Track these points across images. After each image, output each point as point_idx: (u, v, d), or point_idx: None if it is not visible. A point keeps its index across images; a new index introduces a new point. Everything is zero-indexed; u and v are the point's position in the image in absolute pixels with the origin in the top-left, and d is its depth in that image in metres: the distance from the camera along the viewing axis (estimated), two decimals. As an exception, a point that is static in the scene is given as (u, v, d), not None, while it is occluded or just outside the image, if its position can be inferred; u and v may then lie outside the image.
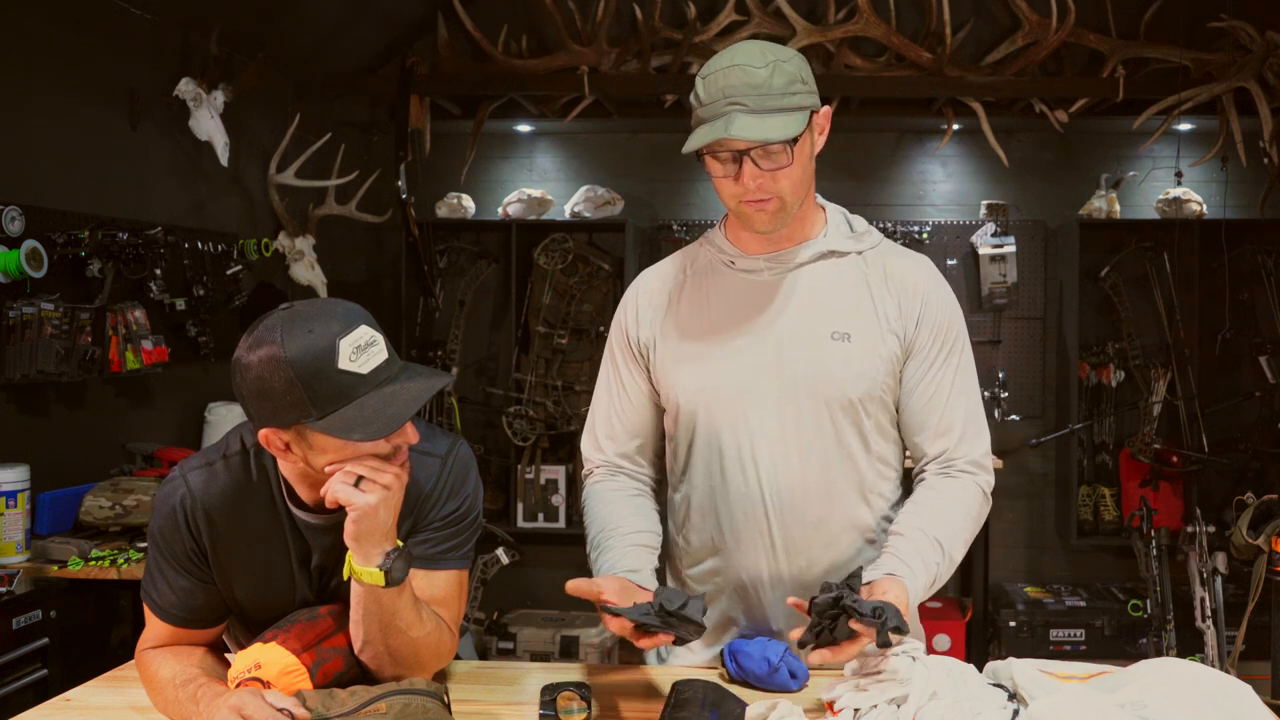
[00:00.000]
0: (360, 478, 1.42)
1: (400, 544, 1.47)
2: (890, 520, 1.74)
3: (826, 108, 1.69)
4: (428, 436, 1.62)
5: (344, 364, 1.38)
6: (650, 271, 1.86)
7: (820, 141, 1.69)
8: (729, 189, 1.64)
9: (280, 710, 1.38)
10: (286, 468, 1.52)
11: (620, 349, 1.83)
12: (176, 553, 1.56)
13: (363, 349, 1.40)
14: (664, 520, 1.84)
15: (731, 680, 1.67)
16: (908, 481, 1.81)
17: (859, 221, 1.79)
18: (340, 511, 1.50)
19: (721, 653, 1.73)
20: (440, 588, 1.60)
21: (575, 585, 1.52)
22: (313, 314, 1.40)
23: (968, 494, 1.70)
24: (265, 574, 1.59)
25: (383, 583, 1.44)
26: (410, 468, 1.51)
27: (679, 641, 1.51)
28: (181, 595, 1.57)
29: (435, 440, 1.63)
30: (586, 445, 1.88)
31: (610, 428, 1.84)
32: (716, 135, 1.56)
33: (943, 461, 1.72)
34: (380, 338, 1.43)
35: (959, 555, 1.67)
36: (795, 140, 1.59)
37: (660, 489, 1.89)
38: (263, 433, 1.43)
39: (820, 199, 1.79)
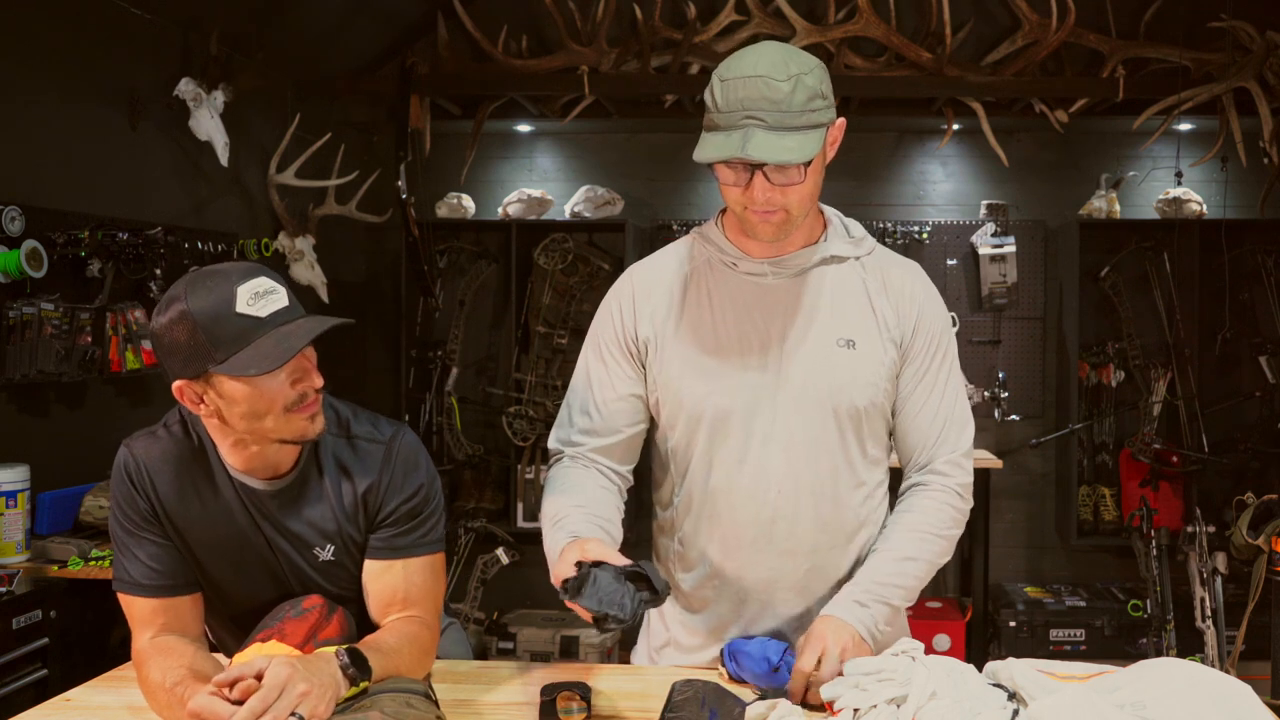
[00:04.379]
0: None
1: (336, 651, 1.44)
2: (880, 518, 1.79)
3: (841, 120, 1.66)
4: (372, 423, 1.67)
5: (242, 308, 1.46)
6: (644, 266, 1.82)
7: (832, 153, 1.67)
8: (736, 196, 1.63)
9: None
10: (212, 429, 1.57)
11: (610, 344, 1.78)
12: (134, 517, 1.60)
13: (261, 295, 1.47)
14: (648, 524, 1.82)
15: (731, 680, 1.67)
16: (895, 480, 1.83)
17: (855, 226, 1.79)
18: (284, 477, 1.60)
19: (721, 653, 1.73)
20: (416, 576, 1.64)
21: (557, 576, 1.51)
22: (215, 271, 1.50)
23: (937, 502, 1.74)
24: (230, 545, 1.62)
25: (365, 684, 1.45)
26: (353, 455, 1.61)
27: (631, 614, 1.44)
28: (150, 560, 1.60)
29: (379, 427, 1.67)
30: (557, 439, 1.82)
31: (590, 421, 1.78)
32: (733, 153, 1.53)
33: (928, 469, 1.75)
34: (282, 289, 1.50)
35: (936, 560, 1.73)
36: (809, 160, 1.57)
37: (624, 494, 1.83)
38: (176, 385, 1.49)
39: (818, 203, 1.78)
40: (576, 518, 1.66)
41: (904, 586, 1.69)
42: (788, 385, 1.69)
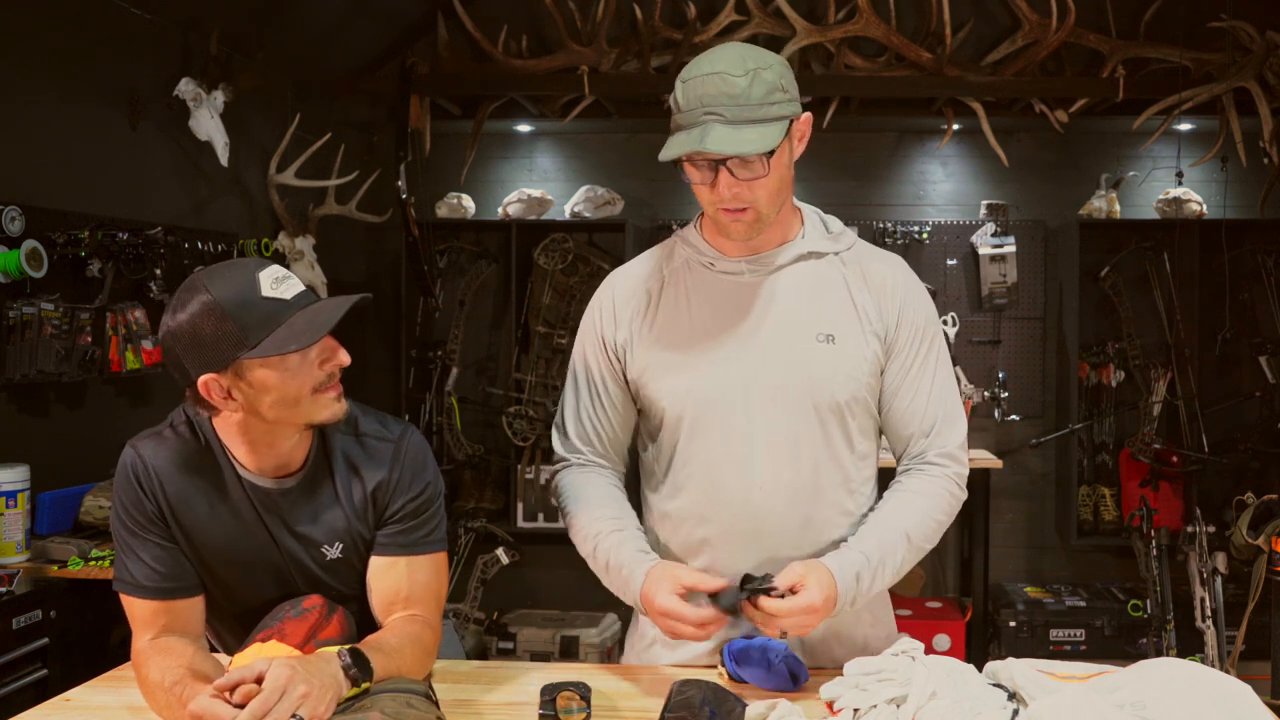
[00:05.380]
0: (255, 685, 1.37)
1: (338, 651, 1.45)
2: (867, 514, 1.78)
3: (807, 115, 1.67)
4: (379, 421, 1.68)
5: (267, 291, 1.46)
6: (623, 271, 1.85)
7: (800, 148, 1.68)
8: (706, 195, 1.65)
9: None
10: (228, 426, 1.57)
11: (592, 348, 1.81)
12: (139, 519, 1.59)
13: (281, 280, 1.49)
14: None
15: (731, 680, 1.67)
16: (883, 475, 1.83)
17: (834, 222, 1.80)
18: (293, 475, 1.60)
19: (721, 652, 1.73)
20: (420, 575, 1.65)
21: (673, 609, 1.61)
22: (228, 264, 1.51)
23: (936, 487, 1.75)
24: (237, 545, 1.62)
25: (367, 684, 1.45)
26: (362, 452, 1.62)
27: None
28: (153, 563, 1.59)
29: (387, 425, 1.68)
30: (558, 445, 1.87)
31: (580, 428, 1.82)
32: (692, 146, 1.56)
33: (920, 458, 1.76)
34: (295, 276, 1.52)
35: (925, 544, 1.73)
36: (772, 153, 1.58)
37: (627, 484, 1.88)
38: (202, 381, 1.48)
39: (795, 200, 1.78)
40: (617, 541, 1.72)
41: (898, 570, 1.71)
42: (767, 382, 1.69)
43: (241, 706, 1.32)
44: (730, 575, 1.74)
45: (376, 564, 1.66)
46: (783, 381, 1.69)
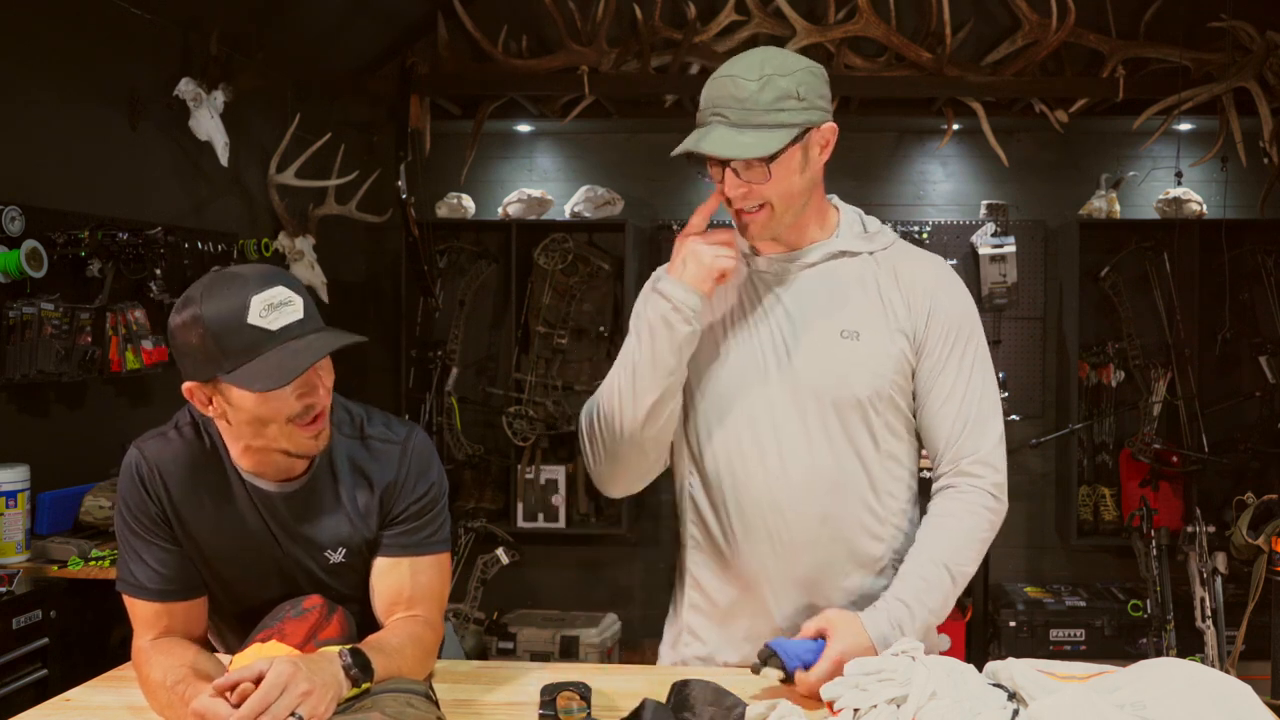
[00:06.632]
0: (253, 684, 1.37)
1: (339, 652, 1.45)
2: (900, 520, 1.78)
3: (830, 124, 1.67)
4: (385, 423, 1.68)
5: (253, 320, 1.45)
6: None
7: (822, 157, 1.68)
8: (722, 193, 1.67)
9: None
10: (223, 431, 1.57)
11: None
12: (143, 520, 1.59)
13: (274, 307, 1.47)
14: (669, 514, 1.82)
15: (784, 682, 1.63)
16: (924, 483, 1.82)
17: (873, 222, 1.80)
18: (296, 479, 1.59)
19: (774, 653, 1.68)
20: (424, 576, 1.65)
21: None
22: (233, 275, 1.49)
23: (969, 505, 1.74)
24: (240, 547, 1.62)
25: (368, 685, 1.46)
26: (368, 455, 1.63)
27: None
28: (156, 565, 1.59)
29: (393, 427, 1.68)
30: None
31: None
32: (690, 146, 1.61)
33: (954, 468, 1.74)
34: (298, 298, 1.49)
35: (968, 569, 1.75)
36: (773, 158, 1.59)
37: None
38: (186, 386, 1.51)
39: (836, 200, 1.80)
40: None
41: (941, 607, 1.73)
42: (790, 378, 1.71)
43: (239, 707, 1.32)
44: (753, 568, 1.75)
45: (380, 564, 1.66)
46: (804, 377, 1.70)
